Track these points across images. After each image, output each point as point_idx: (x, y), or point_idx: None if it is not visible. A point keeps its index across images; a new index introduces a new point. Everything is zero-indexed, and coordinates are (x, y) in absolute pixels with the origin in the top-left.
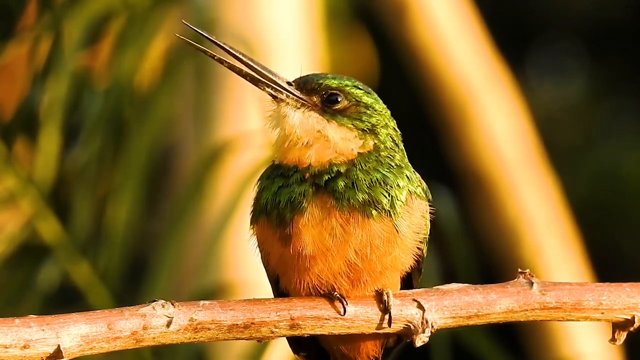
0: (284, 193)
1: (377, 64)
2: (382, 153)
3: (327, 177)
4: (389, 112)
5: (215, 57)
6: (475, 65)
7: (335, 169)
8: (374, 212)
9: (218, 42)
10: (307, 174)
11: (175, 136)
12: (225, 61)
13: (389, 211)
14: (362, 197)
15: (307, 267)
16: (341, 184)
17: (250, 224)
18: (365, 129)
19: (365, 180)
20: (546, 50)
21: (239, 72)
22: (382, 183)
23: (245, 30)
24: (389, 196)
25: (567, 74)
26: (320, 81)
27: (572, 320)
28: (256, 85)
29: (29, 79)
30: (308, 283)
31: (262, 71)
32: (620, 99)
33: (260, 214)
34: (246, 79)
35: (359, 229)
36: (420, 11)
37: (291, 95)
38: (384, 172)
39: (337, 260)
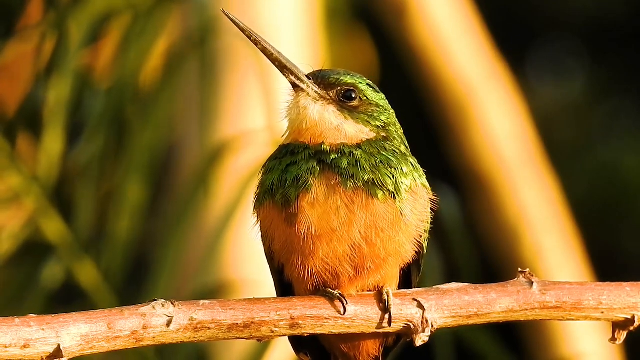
0: (291, 171)
1: (377, 63)
2: (389, 142)
3: (334, 156)
4: (394, 111)
5: (252, 38)
6: (475, 64)
7: (345, 149)
8: (378, 192)
9: (252, 32)
10: (316, 151)
11: (176, 135)
12: (260, 43)
13: (394, 193)
14: (367, 177)
15: (312, 250)
16: (345, 161)
17: (254, 208)
18: (378, 125)
19: (368, 160)
20: (546, 50)
21: (270, 56)
22: (385, 165)
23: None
24: (393, 178)
25: (567, 74)
26: (337, 76)
27: (572, 319)
28: (282, 71)
29: (33, 77)
30: (312, 268)
31: (287, 61)
32: (620, 99)
33: (266, 195)
34: (275, 64)
35: (363, 209)
36: (420, 11)
37: (311, 87)
38: (387, 156)
39: (343, 243)
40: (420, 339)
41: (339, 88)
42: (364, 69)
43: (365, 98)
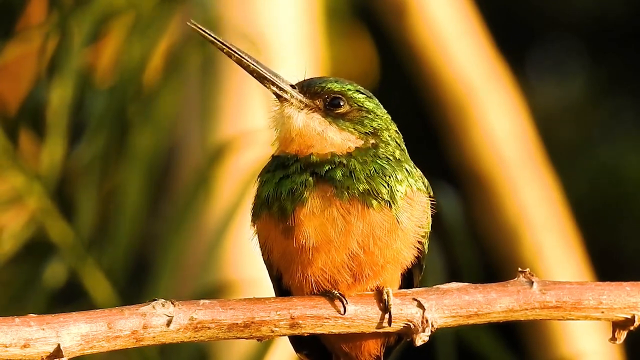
0: (285, 184)
1: (377, 63)
2: (381, 149)
3: (327, 167)
4: (389, 116)
5: (224, 50)
6: (475, 64)
7: (336, 159)
8: (374, 202)
9: (224, 43)
10: (307, 163)
11: (177, 135)
12: (234, 54)
13: (389, 201)
14: (362, 187)
15: (310, 261)
16: (339, 173)
17: (252, 220)
18: (367, 132)
19: (362, 170)
20: (546, 50)
21: (247, 67)
22: (380, 174)
23: (245, 29)
24: (388, 187)
25: (568, 74)
26: (323, 85)
27: (572, 319)
28: (262, 82)
29: (35, 76)
30: (311, 277)
31: (266, 71)
32: (620, 98)
33: (262, 207)
34: (252, 75)
35: (360, 218)
36: (420, 11)
37: (295, 96)
38: (381, 164)
39: (340, 253)
40: (421, 339)
41: (325, 96)
42: (364, 69)
43: (355, 105)
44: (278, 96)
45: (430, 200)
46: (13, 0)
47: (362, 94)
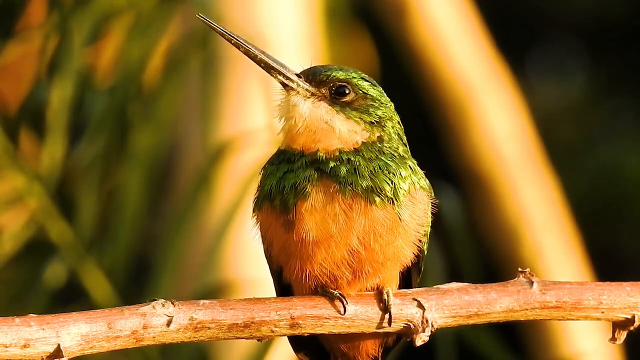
0: (288, 178)
1: (377, 63)
2: (386, 144)
3: (332, 164)
4: (392, 105)
5: (233, 41)
6: (475, 64)
7: (343, 156)
8: (377, 198)
9: (231, 35)
10: (313, 159)
11: (178, 135)
12: (242, 45)
13: (392, 199)
14: (365, 184)
15: (310, 255)
16: (344, 169)
17: (253, 211)
18: (372, 121)
19: (367, 167)
20: (546, 50)
21: (254, 58)
22: (384, 171)
23: (245, 29)
24: (392, 184)
25: (568, 73)
26: (329, 73)
27: (572, 319)
28: (269, 72)
29: (35, 76)
30: (310, 272)
31: (273, 61)
32: (620, 98)
33: (264, 200)
34: (260, 65)
35: (362, 215)
36: (421, 10)
37: (301, 85)
38: (386, 161)
39: (341, 248)
40: (420, 339)
41: (331, 84)
42: (364, 68)
43: (360, 92)
44: (284, 85)
45: (432, 201)
46: (13, 0)
47: (367, 81)
